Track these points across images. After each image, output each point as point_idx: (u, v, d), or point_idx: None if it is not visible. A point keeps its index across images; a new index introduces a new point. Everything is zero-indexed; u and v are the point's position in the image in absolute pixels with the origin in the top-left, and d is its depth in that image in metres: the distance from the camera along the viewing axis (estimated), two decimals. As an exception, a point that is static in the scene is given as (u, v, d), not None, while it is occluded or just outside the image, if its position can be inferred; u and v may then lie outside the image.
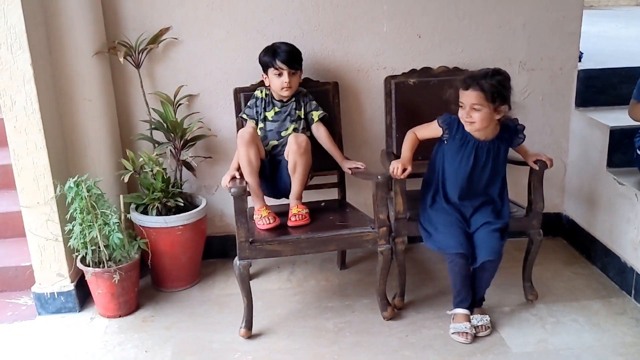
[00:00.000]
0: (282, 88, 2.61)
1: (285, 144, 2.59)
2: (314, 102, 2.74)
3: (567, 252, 3.16)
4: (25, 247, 2.66)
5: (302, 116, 2.70)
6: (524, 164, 2.59)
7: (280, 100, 2.69)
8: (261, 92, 2.71)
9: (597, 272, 2.93)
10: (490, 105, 2.35)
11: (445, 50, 2.98)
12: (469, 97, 2.36)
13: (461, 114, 2.42)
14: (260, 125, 2.68)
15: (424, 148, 2.65)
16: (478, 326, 2.48)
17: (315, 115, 2.72)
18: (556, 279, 2.88)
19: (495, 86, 2.33)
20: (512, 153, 2.58)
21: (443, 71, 2.97)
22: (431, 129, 2.59)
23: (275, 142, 2.66)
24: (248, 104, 2.74)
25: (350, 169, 2.68)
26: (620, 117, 2.84)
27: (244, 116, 2.72)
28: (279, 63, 2.59)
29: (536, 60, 3.04)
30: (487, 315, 2.53)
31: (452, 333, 2.47)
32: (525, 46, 3.01)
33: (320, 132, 2.74)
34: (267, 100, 2.69)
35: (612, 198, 2.81)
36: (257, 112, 2.70)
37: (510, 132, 2.50)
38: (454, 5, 2.93)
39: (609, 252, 2.85)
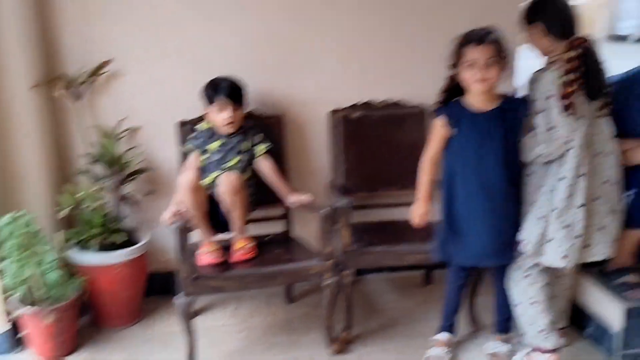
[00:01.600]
0: (225, 123, 2.60)
1: None
2: (259, 136, 2.73)
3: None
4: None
5: (247, 149, 2.69)
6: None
7: (226, 134, 2.67)
8: (206, 124, 2.69)
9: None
10: (502, 61, 2.17)
11: (387, 85, 3.04)
12: (483, 52, 2.14)
13: (472, 73, 2.17)
14: (204, 156, 2.65)
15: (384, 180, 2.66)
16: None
17: (261, 148, 2.71)
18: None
19: (502, 41, 2.18)
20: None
21: (386, 105, 3.02)
22: (438, 136, 2.33)
23: (217, 174, 2.62)
24: (192, 135, 2.71)
25: (294, 202, 2.67)
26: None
27: (187, 148, 2.68)
28: (220, 98, 2.57)
29: (475, 95, 3.13)
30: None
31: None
32: (465, 81, 3.10)
33: (264, 166, 2.72)
34: (211, 133, 2.67)
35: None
36: (201, 143, 2.67)
37: (511, 102, 2.27)
38: (396, 40, 3.00)
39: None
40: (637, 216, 2.38)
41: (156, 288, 3.00)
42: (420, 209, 2.40)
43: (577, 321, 2.70)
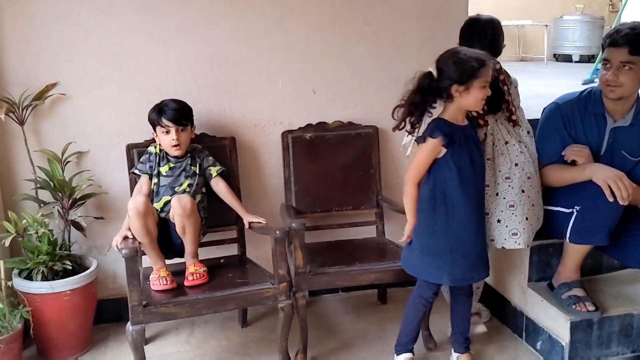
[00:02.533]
0: (172, 146, 2.57)
1: None
2: (210, 158, 2.71)
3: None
4: None
5: (198, 172, 2.66)
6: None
7: (175, 156, 2.63)
8: (155, 147, 2.65)
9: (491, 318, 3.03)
10: None
11: (339, 106, 3.06)
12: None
13: (484, 92, 2.23)
14: (154, 180, 2.61)
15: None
16: None
17: (214, 170, 2.69)
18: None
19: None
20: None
21: (338, 126, 3.04)
22: (428, 155, 2.28)
23: (168, 198, 2.58)
24: (141, 159, 2.66)
25: (250, 222, 2.65)
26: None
27: (137, 172, 2.64)
28: (165, 121, 2.54)
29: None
30: None
31: None
32: (415, 101, 3.14)
33: (220, 187, 2.70)
34: (161, 156, 2.64)
35: (500, 244, 2.94)
36: (150, 167, 2.63)
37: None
38: (346, 63, 3.03)
39: (500, 297, 2.97)
40: (581, 232, 2.44)
41: (106, 315, 2.92)
42: (410, 228, 2.37)
43: (527, 335, 2.76)
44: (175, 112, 2.56)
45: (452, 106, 2.28)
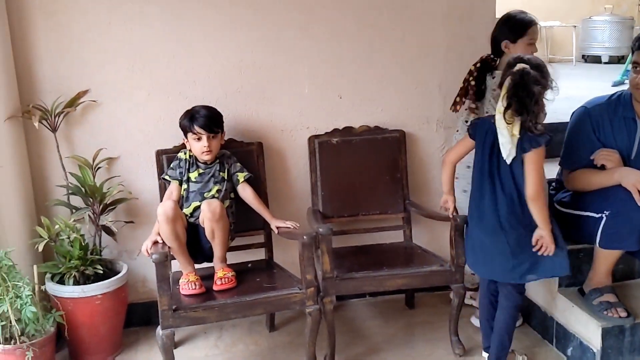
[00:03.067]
0: (202, 152, 2.60)
1: None
2: (238, 164, 2.73)
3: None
4: None
5: (226, 178, 2.69)
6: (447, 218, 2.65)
7: (204, 162, 2.67)
8: (185, 153, 2.69)
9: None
10: None
11: (365, 110, 3.07)
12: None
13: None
14: (184, 186, 2.64)
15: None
16: None
17: (241, 176, 2.72)
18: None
19: None
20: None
21: (365, 130, 3.04)
22: (466, 145, 2.48)
23: (198, 204, 2.61)
24: (171, 165, 2.70)
25: (278, 227, 2.66)
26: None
27: (167, 177, 2.68)
28: (197, 128, 2.57)
29: (452, 119, 3.15)
30: None
31: None
32: (442, 105, 3.13)
33: (246, 193, 2.73)
34: (190, 162, 2.67)
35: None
36: (180, 173, 2.66)
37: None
38: (372, 68, 3.04)
39: (530, 302, 2.93)
40: (611, 237, 2.41)
41: (137, 319, 2.96)
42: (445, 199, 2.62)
43: (558, 341, 2.72)
44: (207, 119, 2.59)
45: None
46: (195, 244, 2.58)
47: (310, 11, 2.93)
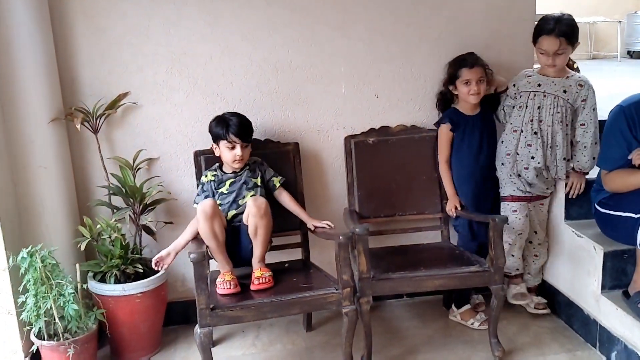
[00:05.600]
0: (234, 161, 2.62)
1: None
2: (271, 170, 2.76)
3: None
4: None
5: (259, 184, 2.70)
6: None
7: (234, 171, 2.68)
8: (206, 176, 2.71)
9: (562, 325, 2.93)
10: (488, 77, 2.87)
11: (402, 109, 3.04)
12: (475, 73, 2.81)
13: (468, 88, 2.82)
14: (218, 201, 2.64)
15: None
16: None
17: (277, 181, 2.75)
18: (522, 334, 2.87)
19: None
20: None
21: (401, 129, 3.02)
22: (445, 139, 2.91)
23: (234, 212, 2.64)
24: (197, 191, 2.73)
25: (315, 226, 2.67)
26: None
27: (200, 199, 2.66)
28: (232, 137, 2.59)
29: (491, 117, 3.12)
30: None
31: None
32: (480, 104, 3.09)
33: (284, 197, 2.76)
34: (216, 181, 2.69)
35: (572, 250, 2.85)
36: (212, 191, 2.68)
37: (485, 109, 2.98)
38: (409, 66, 3.01)
39: (572, 304, 2.87)
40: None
41: (176, 317, 3.01)
42: (452, 203, 2.91)
43: (601, 345, 2.65)
44: (242, 128, 2.61)
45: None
46: (235, 247, 2.59)
47: (346, 10, 2.93)
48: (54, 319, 2.47)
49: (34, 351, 2.53)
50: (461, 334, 2.88)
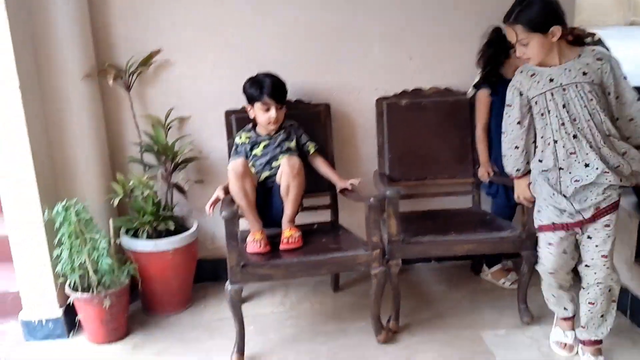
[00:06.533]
0: (269, 123, 2.60)
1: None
2: (306, 135, 2.75)
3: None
4: (12, 272, 2.61)
5: (293, 148, 2.69)
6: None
7: (268, 134, 2.67)
8: (240, 137, 2.69)
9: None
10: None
11: (436, 72, 2.98)
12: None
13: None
14: (251, 163, 2.64)
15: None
16: None
17: (311, 147, 2.74)
18: (551, 300, 2.85)
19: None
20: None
21: (434, 92, 2.97)
22: (484, 104, 2.81)
23: (268, 174, 2.64)
24: (231, 153, 2.72)
25: (343, 188, 2.66)
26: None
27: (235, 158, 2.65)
28: (266, 98, 2.57)
29: (527, 81, 3.04)
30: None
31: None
32: (517, 67, 3.01)
33: (318, 162, 2.76)
34: (250, 142, 2.67)
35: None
36: (246, 153, 2.67)
37: None
38: (446, 26, 2.94)
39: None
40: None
41: (206, 275, 3.05)
42: (484, 169, 2.83)
43: (633, 314, 2.61)
44: (277, 90, 2.59)
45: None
46: (266, 207, 2.60)
47: (381, -31, 2.86)
48: (88, 272, 2.52)
49: (70, 303, 2.60)
50: (489, 298, 2.87)
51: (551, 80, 2.20)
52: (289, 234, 2.53)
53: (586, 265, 2.29)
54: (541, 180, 2.27)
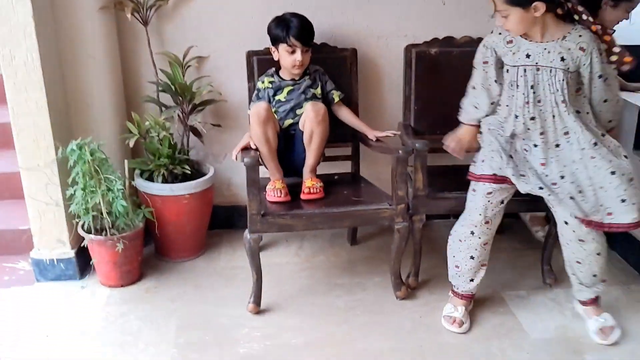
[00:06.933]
0: (294, 66, 2.46)
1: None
2: (332, 82, 2.61)
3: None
4: (24, 209, 2.53)
5: (319, 95, 2.56)
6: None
7: (292, 79, 2.54)
8: (262, 82, 2.55)
9: (616, 257, 2.82)
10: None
11: (470, 20, 2.82)
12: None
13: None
14: (273, 109, 2.50)
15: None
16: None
17: (336, 95, 2.61)
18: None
19: None
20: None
21: (467, 41, 2.81)
22: None
23: (291, 121, 2.52)
24: (252, 98, 2.58)
25: (377, 137, 2.55)
26: (650, 97, 2.70)
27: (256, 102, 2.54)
28: (292, 40, 2.42)
29: (565, 34, 2.89)
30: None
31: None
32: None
33: (343, 112, 2.63)
34: (273, 87, 2.54)
35: (636, 180, 2.69)
36: (269, 98, 2.54)
37: None
38: (483, -30, 2.77)
39: (629, 236, 2.75)
40: None
41: (220, 221, 2.98)
42: None
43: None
44: (303, 31, 2.44)
45: None
46: (287, 155, 2.50)
47: None
48: (102, 214, 2.44)
49: (84, 245, 2.53)
50: (509, 258, 2.81)
51: (528, 56, 2.14)
52: (310, 184, 2.44)
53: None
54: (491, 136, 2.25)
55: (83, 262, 2.61)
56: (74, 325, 2.32)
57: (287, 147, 2.52)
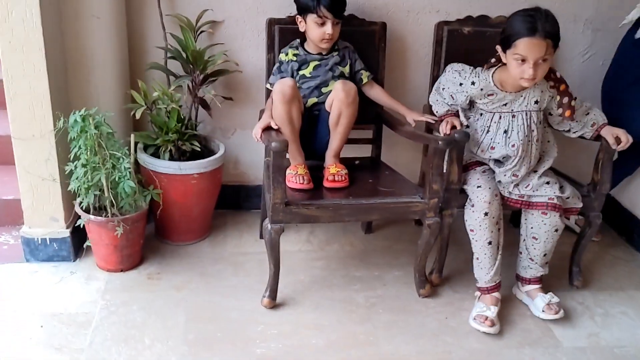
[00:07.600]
0: (322, 40, 2.23)
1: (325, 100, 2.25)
2: (359, 62, 2.40)
3: (605, 233, 2.92)
4: (11, 177, 2.28)
5: (347, 74, 2.34)
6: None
7: (319, 53, 2.30)
8: (286, 54, 2.32)
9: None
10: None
11: (507, -1, 2.62)
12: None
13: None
14: (297, 84, 2.27)
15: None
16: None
17: (365, 75, 2.40)
18: (597, 263, 2.67)
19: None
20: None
21: (502, 21, 2.59)
22: None
23: (315, 100, 2.30)
24: (273, 71, 2.35)
25: (416, 121, 2.36)
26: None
27: (270, 86, 2.33)
28: (323, 10, 2.18)
29: (603, 20, 2.71)
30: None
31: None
32: (595, 3, 2.68)
33: (375, 91, 2.44)
34: (298, 61, 2.31)
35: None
36: (292, 73, 2.31)
37: None
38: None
39: (633, 217, 2.65)
40: None
41: (226, 202, 2.77)
42: None
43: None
44: (337, 1, 2.20)
45: None
46: (309, 137, 2.29)
47: None
48: (104, 193, 2.20)
49: (81, 225, 2.29)
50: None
51: (505, 104, 2.18)
52: (335, 170, 2.24)
53: None
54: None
55: (78, 243, 2.38)
56: (72, 314, 2.10)
57: (310, 128, 2.30)
